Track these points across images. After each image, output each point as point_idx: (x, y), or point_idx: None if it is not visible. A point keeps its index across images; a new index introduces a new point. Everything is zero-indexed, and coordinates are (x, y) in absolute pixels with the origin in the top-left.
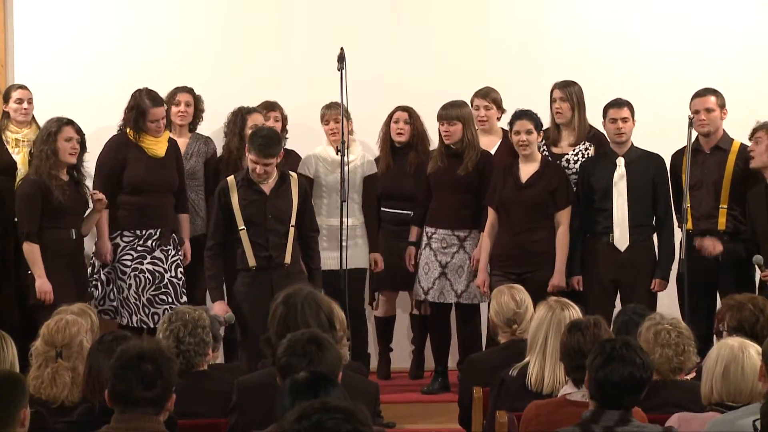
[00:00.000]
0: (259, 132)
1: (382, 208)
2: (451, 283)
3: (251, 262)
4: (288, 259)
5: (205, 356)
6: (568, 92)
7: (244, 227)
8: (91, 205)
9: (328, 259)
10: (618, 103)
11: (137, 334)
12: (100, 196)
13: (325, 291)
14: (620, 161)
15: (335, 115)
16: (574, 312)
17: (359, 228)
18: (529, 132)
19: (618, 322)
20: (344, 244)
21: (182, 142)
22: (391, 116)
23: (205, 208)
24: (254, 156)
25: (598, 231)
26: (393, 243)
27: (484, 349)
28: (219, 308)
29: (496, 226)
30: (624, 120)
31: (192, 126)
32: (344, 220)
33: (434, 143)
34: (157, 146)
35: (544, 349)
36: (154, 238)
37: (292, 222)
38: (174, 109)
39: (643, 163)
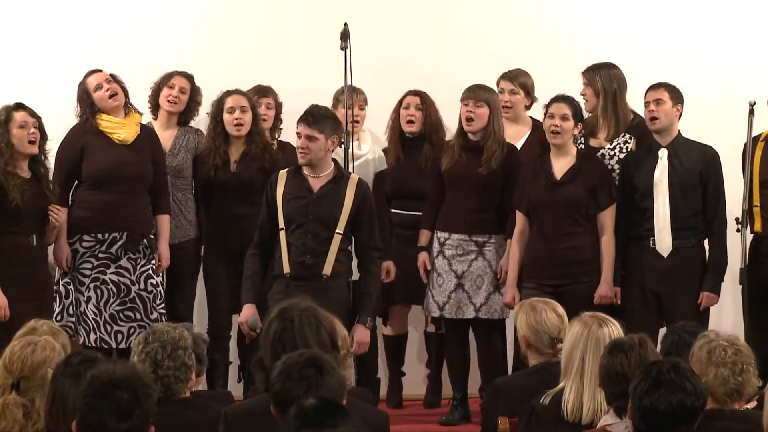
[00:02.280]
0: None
1: (392, 209)
2: (469, 295)
3: (286, 268)
4: (328, 270)
5: (186, 382)
6: (591, 77)
7: (283, 227)
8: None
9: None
10: (654, 85)
11: (108, 356)
12: (56, 215)
13: None
14: (662, 153)
15: (360, 101)
16: (614, 329)
17: None
18: (564, 118)
19: (666, 343)
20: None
21: (168, 135)
22: (400, 102)
23: (194, 210)
24: (299, 126)
25: (639, 234)
26: (405, 249)
27: (510, 372)
28: (246, 311)
29: (527, 232)
30: (657, 102)
31: (183, 118)
32: None
33: (450, 134)
34: (123, 129)
35: (582, 372)
36: (120, 243)
37: (340, 228)
38: (165, 91)
39: (689, 155)
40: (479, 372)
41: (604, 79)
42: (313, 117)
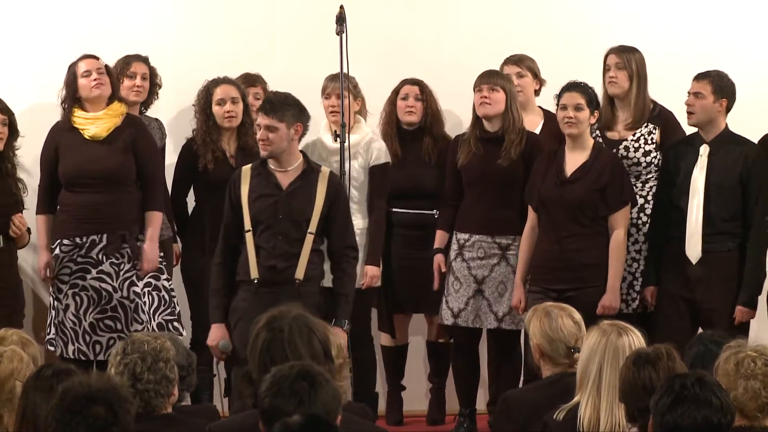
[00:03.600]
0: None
1: (393, 209)
2: (490, 303)
3: (253, 273)
4: (300, 274)
5: (168, 396)
6: (626, 58)
7: (250, 228)
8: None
9: (328, 273)
10: (698, 75)
11: (83, 368)
12: (16, 225)
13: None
14: (703, 149)
15: (334, 90)
16: (635, 338)
17: (359, 236)
18: (578, 108)
19: (691, 354)
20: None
21: None
22: (397, 92)
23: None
24: (259, 116)
25: (671, 235)
26: (407, 251)
27: (521, 384)
28: (215, 333)
29: (537, 229)
30: (696, 95)
31: (144, 105)
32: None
33: (452, 125)
34: (95, 124)
35: (599, 384)
36: (100, 246)
37: (312, 228)
38: (128, 82)
39: (729, 152)
40: (488, 386)
41: (638, 62)
42: (272, 105)
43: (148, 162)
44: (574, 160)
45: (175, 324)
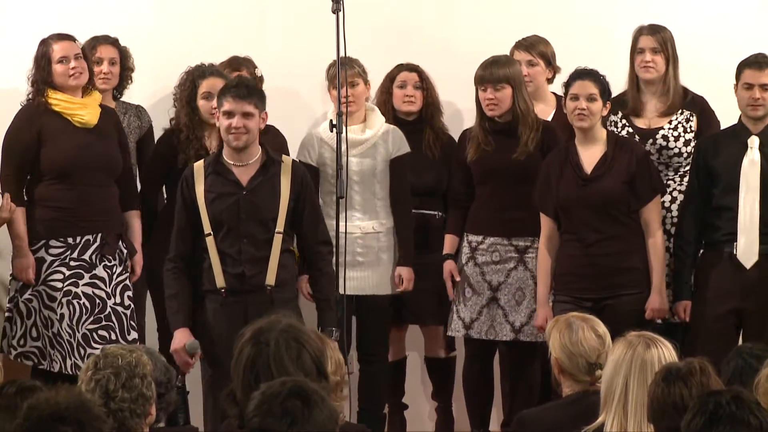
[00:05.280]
0: (231, 81)
1: None
2: (506, 312)
3: (219, 281)
4: (272, 279)
5: (145, 416)
6: (662, 40)
7: (210, 232)
8: None
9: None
10: (757, 62)
11: (50, 384)
12: (7, 210)
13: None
14: (753, 141)
15: (352, 76)
16: (664, 351)
17: (385, 236)
18: (591, 98)
19: (729, 368)
20: (342, 258)
21: None
22: (392, 79)
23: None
24: (229, 102)
25: (717, 239)
26: None
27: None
28: (179, 337)
29: (556, 238)
30: (764, 87)
31: (117, 92)
32: (341, 224)
33: (450, 117)
34: (85, 110)
35: (624, 401)
36: (94, 247)
37: (280, 227)
38: (94, 69)
39: None
40: (503, 404)
41: (672, 42)
42: (248, 89)
43: (128, 157)
44: (590, 154)
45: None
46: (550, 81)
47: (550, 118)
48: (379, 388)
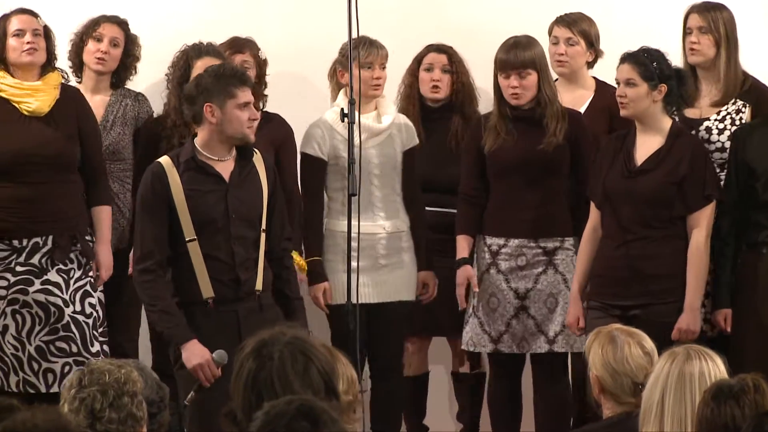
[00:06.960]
0: (218, 67)
1: None
2: (537, 322)
3: (207, 291)
4: (260, 283)
5: None
6: (712, 19)
7: (194, 237)
8: None
9: (364, 287)
10: None
11: (27, 403)
12: None
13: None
14: None
15: (383, 57)
16: (711, 365)
17: (405, 236)
18: (630, 83)
19: None
20: (353, 262)
21: (98, 103)
22: (419, 61)
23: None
24: (243, 91)
25: (760, 240)
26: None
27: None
28: (197, 350)
29: (600, 230)
30: None
31: (117, 80)
32: (354, 223)
33: (487, 102)
34: (35, 96)
35: (661, 417)
36: (45, 250)
37: (264, 224)
38: (91, 45)
39: None
40: (535, 425)
41: (727, 23)
42: (248, 76)
43: (95, 145)
44: (646, 145)
45: (105, 348)
46: (590, 65)
47: (586, 105)
48: (397, 407)
